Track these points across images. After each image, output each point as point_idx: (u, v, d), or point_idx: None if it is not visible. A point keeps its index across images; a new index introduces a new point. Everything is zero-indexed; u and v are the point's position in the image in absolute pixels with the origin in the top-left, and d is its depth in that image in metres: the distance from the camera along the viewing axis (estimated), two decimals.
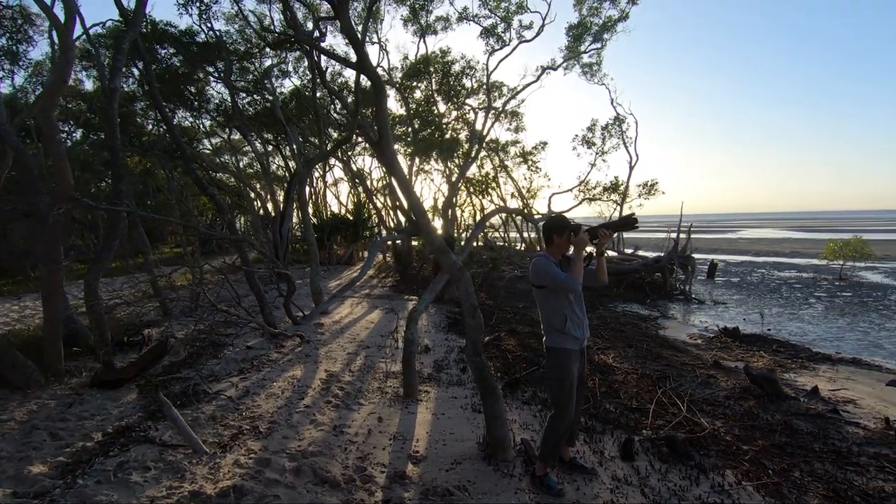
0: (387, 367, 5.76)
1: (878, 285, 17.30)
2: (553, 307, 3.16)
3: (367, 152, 24.59)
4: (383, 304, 10.71)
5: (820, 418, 4.83)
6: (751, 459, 3.77)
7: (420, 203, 4.23)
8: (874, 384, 6.48)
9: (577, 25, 12.50)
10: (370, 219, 20.77)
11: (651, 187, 15.03)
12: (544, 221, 3.33)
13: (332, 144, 11.93)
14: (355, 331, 7.88)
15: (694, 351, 7.94)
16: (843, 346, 9.20)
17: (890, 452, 4.08)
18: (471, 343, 3.82)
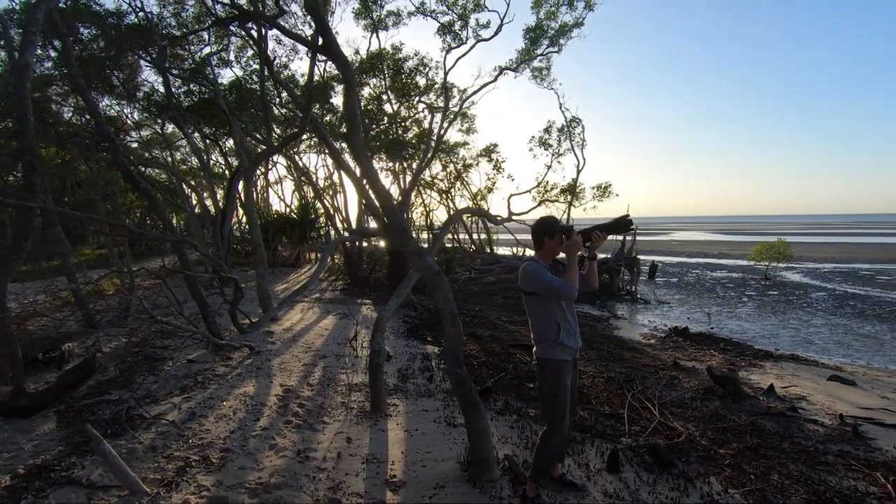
0: (349, 379, 5.35)
1: (798, 284, 18.73)
2: (545, 316, 2.94)
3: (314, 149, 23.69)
4: (336, 308, 10.19)
5: (782, 417, 4.96)
6: (730, 464, 3.75)
7: (392, 201, 3.89)
8: (817, 379, 6.83)
9: (535, 28, 12.56)
10: (318, 219, 19.95)
11: (605, 189, 15.42)
12: (534, 224, 3.11)
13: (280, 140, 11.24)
14: (309, 339, 7.36)
15: (651, 351, 8.08)
16: (780, 343, 9.76)
17: (851, 449, 4.22)
18: (451, 354, 3.54)
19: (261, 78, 8.92)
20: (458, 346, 3.57)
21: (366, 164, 3.78)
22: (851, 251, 33.60)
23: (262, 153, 9.93)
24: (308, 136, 20.66)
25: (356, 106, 3.74)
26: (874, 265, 24.87)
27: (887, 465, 3.90)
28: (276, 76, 9.53)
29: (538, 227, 3.04)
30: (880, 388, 6.55)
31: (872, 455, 4.13)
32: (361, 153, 3.74)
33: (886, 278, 19.97)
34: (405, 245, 3.79)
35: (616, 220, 2.97)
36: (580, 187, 15.12)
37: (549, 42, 12.79)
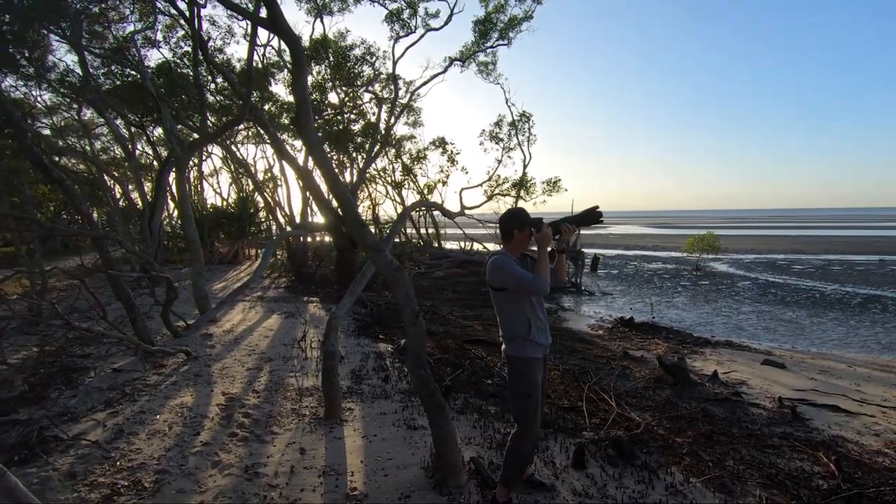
0: (299, 383, 5.01)
1: (725, 274, 20.05)
2: (514, 312, 2.81)
3: (253, 140, 22.51)
4: (281, 307, 9.67)
5: (728, 402, 5.16)
6: (688, 452, 3.81)
7: (347, 193, 3.62)
8: (751, 363, 7.23)
9: (484, 20, 12.48)
10: (258, 213, 18.97)
11: (554, 184, 15.68)
12: (502, 215, 2.97)
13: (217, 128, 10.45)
14: (253, 340, 6.89)
15: (601, 342, 8.26)
16: (714, 330, 10.33)
17: (793, 430, 4.44)
18: (413, 354, 3.33)
19: (194, 61, 8.21)
20: (421, 346, 3.37)
21: (319, 154, 3.48)
22: (768, 243, 36.54)
23: (195, 142, 9.17)
24: (246, 126, 19.59)
25: (306, 89, 3.42)
26: (788, 255, 27.13)
27: (825, 444, 4.12)
28: (211, 58, 8.83)
29: (507, 220, 2.90)
30: (807, 369, 7.04)
31: (811, 435, 4.36)
32: (315, 142, 3.44)
33: (800, 267, 21.80)
34: (363, 240, 3.54)
35: (585, 213, 2.88)
36: (531, 181, 15.32)
37: (499, 35, 12.79)
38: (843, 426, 4.66)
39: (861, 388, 6.17)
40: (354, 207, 3.65)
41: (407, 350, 3.46)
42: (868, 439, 4.34)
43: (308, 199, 15.15)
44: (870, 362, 7.80)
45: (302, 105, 3.37)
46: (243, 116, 7.38)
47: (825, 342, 9.40)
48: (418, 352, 3.35)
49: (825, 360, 7.75)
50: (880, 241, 37.15)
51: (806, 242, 36.24)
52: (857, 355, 8.32)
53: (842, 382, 6.37)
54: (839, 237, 42.00)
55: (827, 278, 18.31)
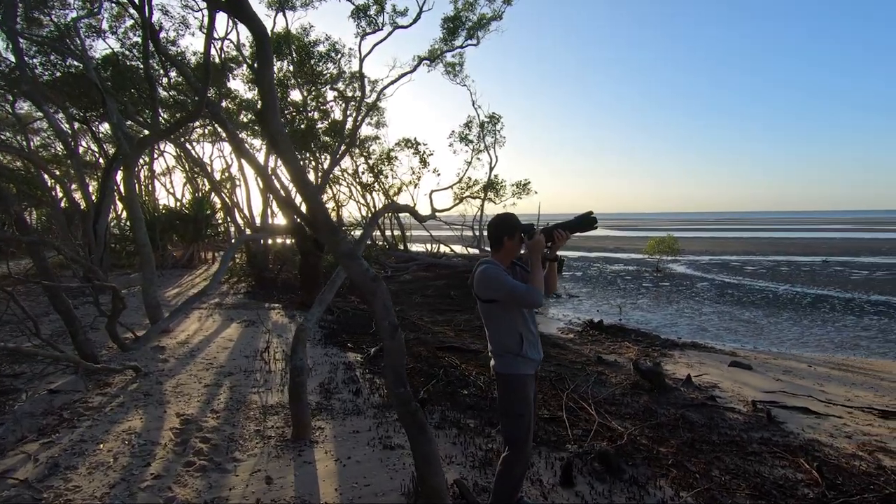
0: (262, 400, 4.64)
1: (684, 275, 20.66)
2: (506, 325, 2.61)
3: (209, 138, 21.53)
4: (240, 315, 9.15)
5: (704, 407, 5.15)
6: (674, 463, 3.72)
7: (318, 193, 3.33)
8: (720, 365, 7.33)
9: (453, 18, 12.31)
10: (214, 215, 18.09)
11: (524, 187, 15.66)
12: (491, 221, 2.76)
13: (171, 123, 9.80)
14: (210, 353, 6.41)
15: (573, 346, 8.21)
16: (680, 331, 10.51)
17: (770, 435, 4.44)
18: (392, 371, 3.07)
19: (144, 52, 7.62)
20: (401, 362, 3.12)
21: (287, 151, 3.16)
22: (721, 244, 38.11)
23: (146, 138, 8.52)
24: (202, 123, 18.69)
25: (272, 79, 3.11)
26: (740, 257, 28.32)
27: (804, 449, 4.13)
28: (164, 49, 8.25)
29: (496, 226, 2.70)
30: (772, 370, 7.19)
31: (788, 440, 4.37)
32: (281, 138, 3.11)
33: (752, 268, 22.75)
34: (336, 246, 3.25)
35: (579, 218, 2.71)
36: (501, 184, 15.23)
37: (468, 34, 12.64)
38: (816, 429, 4.72)
39: (824, 387, 6.33)
40: (326, 210, 3.36)
41: (385, 366, 3.20)
42: (841, 442, 4.39)
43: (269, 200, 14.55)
44: (827, 361, 8.07)
45: (267, 96, 3.05)
46: (199, 112, 6.89)
47: (783, 342, 9.71)
48: (397, 368, 3.09)
49: (786, 361, 7.96)
50: (823, 242, 39.44)
51: (756, 244, 38.04)
52: (815, 355, 8.61)
53: (805, 383, 6.53)
54: (785, 239, 44.36)
55: (778, 279, 19.15)
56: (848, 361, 8.13)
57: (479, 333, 8.58)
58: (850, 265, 23.32)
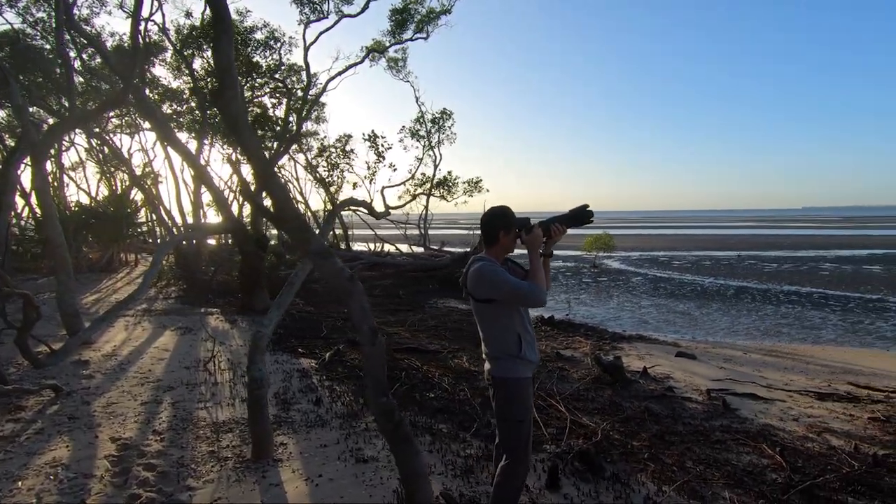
0: (212, 416, 4.19)
1: (620, 271, 21.66)
2: (503, 326, 2.45)
3: (127, 129, 19.70)
4: (174, 321, 8.36)
5: (665, 399, 5.29)
6: (650, 457, 3.74)
7: (286, 191, 3.01)
8: (667, 356, 7.64)
9: (402, 10, 11.96)
10: (137, 213, 16.57)
11: (476, 184, 15.60)
12: (485, 214, 2.59)
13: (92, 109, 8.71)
14: (144, 365, 5.76)
15: None
16: (623, 324, 10.91)
17: (729, 423, 4.61)
18: (373, 380, 2.83)
19: (57, 29, 6.68)
20: (381, 369, 2.88)
21: (248, 137, 2.81)
22: (649, 241, 40.50)
23: (61, 125, 7.46)
24: (119, 113, 17.07)
25: (231, 53, 2.74)
26: (667, 252, 30.17)
27: (761, 434, 4.32)
28: (78, 26, 7.33)
29: (491, 220, 2.53)
30: (714, 359, 7.59)
31: (745, 426, 4.56)
32: (242, 122, 2.77)
33: (678, 263, 24.28)
34: (305, 244, 2.95)
35: (576, 212, 2.60)
36: (454, 181, 15.08)
37: (416, 27, 12.37)
38: (766, 413, 4.97)
39: (762, 373, 6.75)
40: (294, 205, 3.04)
41: (364, 374, 2.94)
42: (791, 425, 4.65)
43: (201, 197, 13.51)
44: (758, 348, 8.68)
45: (226, 72, 2.69)
46: (125, 97, 6.16)
47: (717, 331, 10.35)
48: (378, 376, 2.85)
49: (724, 349, 8.46)
50: (736, 238, 43.03)
51: (678, 241, 40.75)
52: (747, 343, 9.23)
53: (746, 370, 6.94)
54: (703, 235, 47.93)
55: (702, 272, 20.54)
56: (776, 348, 8.78)
57: (436, 333, 8.41)
58: (761, 259, 25.52)
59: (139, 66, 7.61)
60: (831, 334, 9.97)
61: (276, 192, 2.87)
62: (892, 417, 4.79)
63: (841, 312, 12.08)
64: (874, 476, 3.51)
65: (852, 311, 12.17)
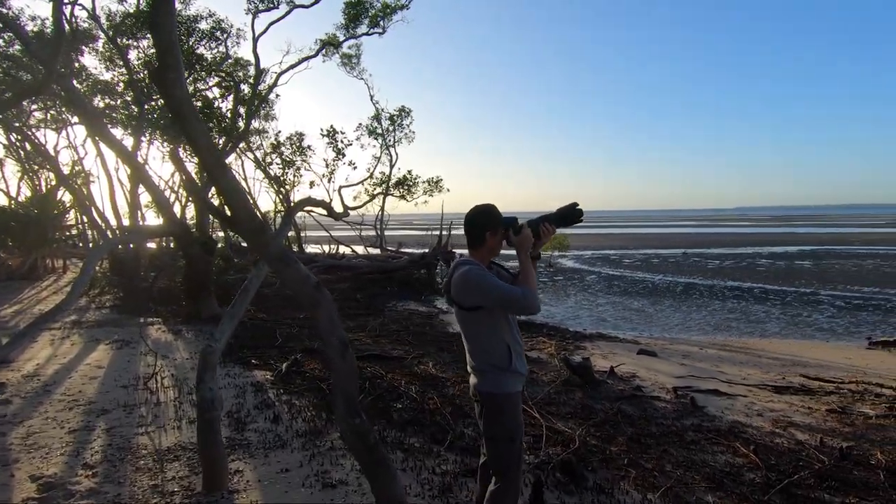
0: (154, 443, 3.73)
1: (574, 269, 22.09)
2: (491, 336, 2.23)
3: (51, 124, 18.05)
4: (108, 334, 7.62)
5: (634, 399, 5.27)
6: (629, 463, 3.65)
7: (237, 183, 2.67)
8: (629, 354, 7.71)
9: (356, 3, 11.49)
10: (64, 215, 15.18)
11: (436, 184, 15.32)
12: (470, 213, 2.36)
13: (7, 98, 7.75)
14: (73, 386, 5.14)
15: None
16: (583, 323, 11.02)
17: (699, 422, 4.62)
18: (343, 398, 2.54)
19: None
20: (353, 386, 2.60)
21: (195, 124, 2.45)
22: (599, 240, 41.72)
23: None
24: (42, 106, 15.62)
25: (174, 28, 2.37)
26: (617, 251, 31.16)
27: (732, 432, 4.35)
28: None
29: (476, 219, 2.31)
30: (673, 355, 7.74)
31: (715, 424, 4.59)
32: (188, 108, 2.40)
33: (629, 261, 25.08)
34: (263, 248, 2.63)
35: (565, 211, 2.42)
36: (414, 180, 14.70)
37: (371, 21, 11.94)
38: (731, 410, 5.04)
39: (720, 368, 6.93)
40: (249, 205, 2.70)
41: (334, 391, 2.64)
42: (756, 420, 4.73)
43: (138, 196, 12.53)
44: (712, 343, 8.96)
45: (167, 52, 2.32)
46: (47, 86, 5.50)
47: (672, 328, 10.64)
48: (350, 394, 2.57)
49: (680, 345, 8.68)
50: (680, 236, 45.14)
51: (626, 239, 42.27)
52: (701, 338, 9.52)
53: (704, 365, 7.10)
54: (650, 234, 50.01)
55: (652, 270, 21.29)
56: (728, 342, 9.10)
57: (398, 338, 8.12)
58: (704, 256, 26.83)
59: (63, 53, 6.86)
60: (775, 327, 10.48)
61: (228, 190, 2.53)
62: (848, 408, 4.98)
63: (781, 306, 12.77)
64: (843, 471, 3.57)
65: (791, 305, 12.90)
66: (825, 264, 22.03)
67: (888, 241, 34.71)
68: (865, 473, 3.54)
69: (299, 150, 11.46)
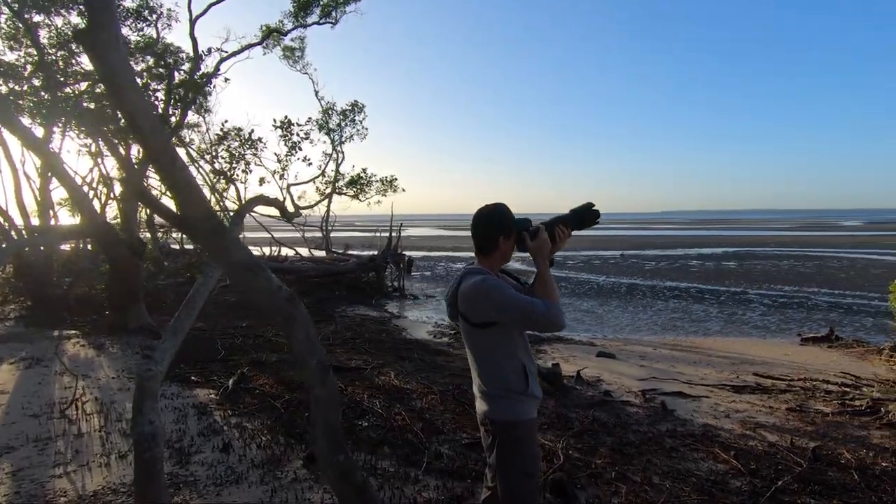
0: (77, 486, 3.11)
1: (520, 271, 22.19)
2: (505, 356, 1.95)
3: None
4: (14, 351, 6.59)
5: (606, 405, 5.18)
6: (617, 477, 3.50)
7: (188, 173, 2.22)
8: (589, 357, 7.71)
9: None
10: None
11: (390, 183, 14.74)
12: (480, 214, 2.04)
13: None
14: None
15: (454, 352, 7.83)
16: None
17: (674, 427, 4.58)
18: (325, 432, 2.16)
19: None
20: (336, 416, 2.22)
21: (135, 100, 1.97)
22: None
23: None
24: None
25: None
26: (560, 252, 31.95)
27: (707, 436, 4.33)
28: None
29: (490, 221, 2.01)
30: (631, 357, 7.82)
31: (688, 428, 4.56)
32: (124, 80, 1.91)
33: (572, 262, 25.75)
34: (225, 253, 2.19)
35: (581, 211, 2.18)
36: (369, 178, 14.04)
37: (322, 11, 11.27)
38: (699, 412, 5.07)
39: (677, 368, 7.06)
40: (206, 201, 2.24)
41: (313, 423, 2.23)
42: (726, 423, 4.76)
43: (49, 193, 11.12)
44: (663, 343, 9.19)
45: (100, 10, 1.84)
46: None
47: (622, 328, 10.86)
48: (333, 426, 2.19)
49: (634, 346, 8.82)
50: (616, 238, 47.20)
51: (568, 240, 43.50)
52: (652, 338, 9.75)
53: (662, 366, 7.21)
54: (589, 236, 51.83)
55: (595, 271, 21.94)
56: (677, 342, 9.37)
57: (353, 347, 7.65)
58: (642, 257, 28.08)
59: None
60: (716, 326, 10.96)
61: (179, 183, 2.08)
62: (804, 406, 5.15)
63: (717, 305, 13.45)
64: (820, 473, 3.60)
65: (725, 304, 13.62)
66: (748, 265, 23.69)
67: (798, 243, 38.07)
68: (840, 474, 3.58)
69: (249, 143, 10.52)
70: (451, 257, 29.46)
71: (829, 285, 16.68)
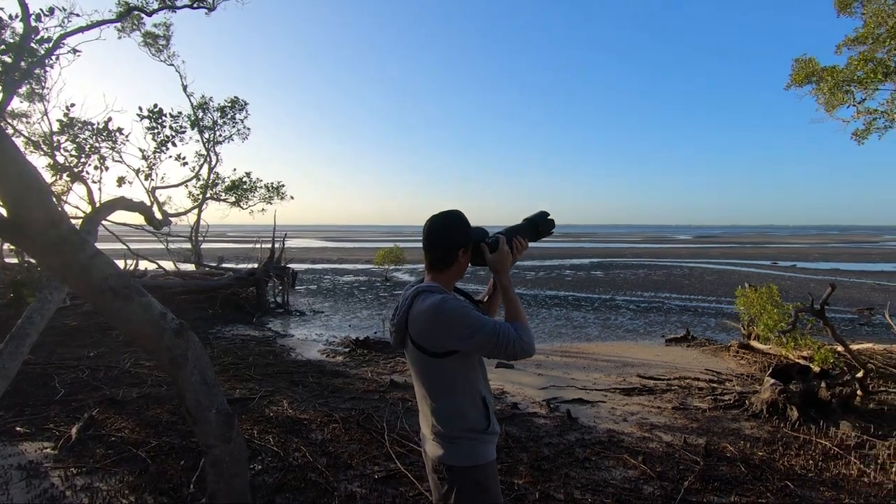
0: None
1: (409, 282, 22.22)
2: (464, 389, 1.68)
3: None
4: None
5: (515, 418, 5.14)
6: (541, 498, 3.39)
7: (26, 164, 1.61)
8: (490, 368, 7.73)
9: None
10: None
11: (277, 190, 13.37)
12: (436, 223, 1.74)
13: None
14: None
15: (352, 371, 7.31)
16: None
17: (582, 436, 4.66)
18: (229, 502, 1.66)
19: None
20: (243, 482, 1.74)
21: None
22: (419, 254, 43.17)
23: None
24: None
25: None
26: None
27: (612, 442, 4.47)
28: None
29: (449, 233, 1.72)
30: (528, 366, 8.00)
31: (594, 436, 4.68)
32: None
33: None
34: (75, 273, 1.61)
35: (537, 220, 1.99)
36: (253, 184, 12.55)
37: None
38: (600, 418, 5.26)
39: (570, 375, 7.37)
40: (49, 199, 1.64)
41: (212, 497, 1.70)
42: (625, 426, 4.98)
43: None
44: (552, 350, 9.61)
45: None
46: None
47: None
48: (240, 493, 1.70)
49: None
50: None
51: None
52: (543, 345, 10.14)
53: (557, 373, 7.47)
54: None
55: (479, 281, 22.59)
56: (565, 349, 9.87)
57: (236, 373, 6.74)
58: (521, 268, 29.67)
59: None
60: (595, 331, 11.83)
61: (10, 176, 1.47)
62: (685, 404, 5.63)
63: (593, 312, 14.60)
64: (714, 469, 3.87)
65: (599, 310, 14.85)
66: (613, 274, 26.35)
67: (648, 254, 43.53)
68: (729, 468, 3.89)
69: (105, 134, 8.62)
70: (338, 269, 28.37)
71: (677, 291, 19.13)
